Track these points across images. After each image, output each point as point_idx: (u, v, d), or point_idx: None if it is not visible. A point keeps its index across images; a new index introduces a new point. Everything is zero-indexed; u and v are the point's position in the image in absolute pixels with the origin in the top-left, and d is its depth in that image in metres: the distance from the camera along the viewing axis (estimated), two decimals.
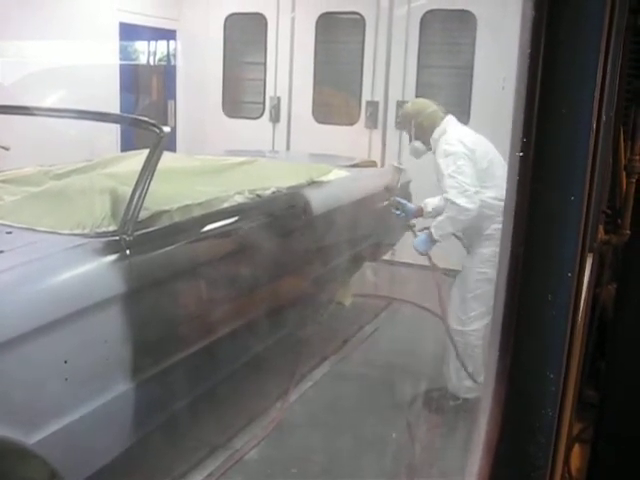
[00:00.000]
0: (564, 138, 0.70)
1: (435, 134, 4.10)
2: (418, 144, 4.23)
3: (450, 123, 4.14)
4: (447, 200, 3.92)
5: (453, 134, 4.05)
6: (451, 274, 4.36)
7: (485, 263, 3.96)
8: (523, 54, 0.67)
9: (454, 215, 3.91)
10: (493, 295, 3.19)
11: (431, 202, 4.39)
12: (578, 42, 0.66)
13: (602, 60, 0.68)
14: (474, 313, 4.01)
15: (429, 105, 4.24)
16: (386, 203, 4.60)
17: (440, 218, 4.02)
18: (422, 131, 4.17)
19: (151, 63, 8.18)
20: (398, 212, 4.46)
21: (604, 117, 0.78)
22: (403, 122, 4.40)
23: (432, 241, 4.05)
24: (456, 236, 4.19)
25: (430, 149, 4.20)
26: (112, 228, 2.96)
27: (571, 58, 0.67)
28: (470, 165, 3.91)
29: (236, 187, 3.94)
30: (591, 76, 0.68)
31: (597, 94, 0.69)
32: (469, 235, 4.11)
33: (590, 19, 0.65)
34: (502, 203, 3.09)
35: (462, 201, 3.85)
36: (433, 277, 4.26)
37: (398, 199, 4.51)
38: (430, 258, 4.22)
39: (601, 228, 1.92)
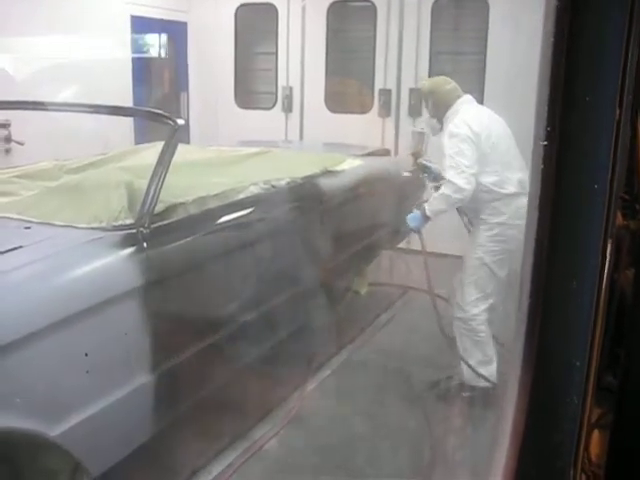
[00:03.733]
0: (588, 126, 0.70)
1: (448, 113, 4.08)
2: (434, 122, 4.21)
3: (465, 103, 4.11)
4: (447, 181, 3.92)
5: (463, 115, 4.01)
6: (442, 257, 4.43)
7: (480, 248, 3.98)
8: (547, 43, 0.66)
9: (449, 193, 3.90)
10: (489, 281, 3.15)
11: None
12: (602, 30, 0.66)
13: (624, 47, 0.68)
14: (472, 298, 4.01)
15: (447, 83, 4.20)
16: (413, 168, 4.59)
17: (435, 195, 4.04)
18: (436, 109, 4.16)
19: (163, 55, 8.19)
20: (426, 175, 4.40)
21: (625, 103, 0.78)
22: (423, 99, 4.40)
23: (425, 218, 4.06)
24: (459, 212, 4.22)
25: (442, 128, 4.14)
26: (129, 221, 2.97)
27: (595, 46, 0.67)
28: (472, 149, 3.88)
29: (250, 178, 3.95)
30: (615, 63, 0.68)
31: (620, 81, 0.69)
32: (471, 217, 4.14)
33: (614, 7, 0.65)
34: (501, 190, 3.03)
35: (458, 180, 3.84)
36: (424, 258, 4.27)
37: (424, 162, 4.38)
38: (421, 237, 4.24)
39: (619, 214, 1.91)
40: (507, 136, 4.01)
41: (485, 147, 3.92)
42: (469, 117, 4.00)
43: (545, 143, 0.70)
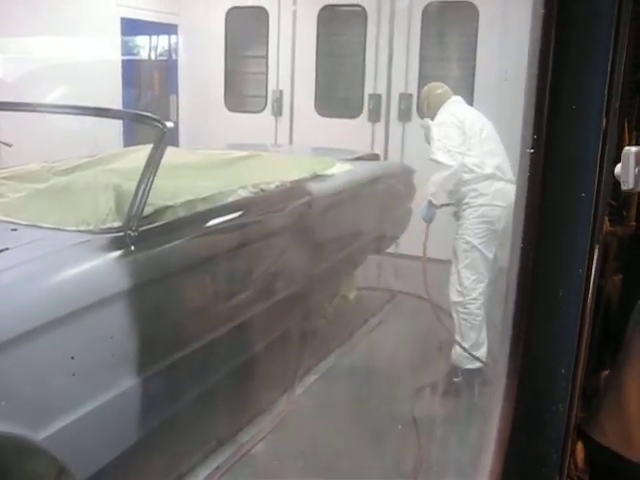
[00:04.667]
0: (575, 135, 0.70)
1: (439, 111, 4.53)
2: (427, 121, 4.59)
3: (453, 103, 4.55)
4: (434, 161, 4.29)
5: (450, 110, 4.47)
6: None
7: (467, 231, 4.27)
8: (533, 51, 0.66)
9: (439, 173, 4.27)
10: (481, 263, 3.31)
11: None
12: (588, 39, 0.66)
13: (611, 56, 0.68)
14: (468, 282, 4.26)
15: (439, 87, 4.69)
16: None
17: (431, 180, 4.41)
18: (430, 110, 4.64)
19: (153, 58, 8.16)
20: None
21: (612, 111, 0.78)
22: (421, 102, 4.97)
23: (430, 205, 4.42)
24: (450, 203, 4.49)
25: None
26: (117, 224, 2.96)
27: (581, 55, 0.67)
28: (457, 132, 4.30)
29: (239, 181, 3.93)
30: (601, 72, 0.68)
31: (606, 90, 0.69)
32: (455, 201, 4.42)
33: (600, 16, 0.65)
34: (481, 171, 3.55)
35: (445, 159, 4.22)
36: (423, 257, 4.53)
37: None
38: (427, 231, 4.51)
39: (606, 219, 1.91)
40: (489, 129, 4.39)
41: (469, 132, 4.31)
42: (455, 110, 4.48)
43: (532, 150, 0.70)
